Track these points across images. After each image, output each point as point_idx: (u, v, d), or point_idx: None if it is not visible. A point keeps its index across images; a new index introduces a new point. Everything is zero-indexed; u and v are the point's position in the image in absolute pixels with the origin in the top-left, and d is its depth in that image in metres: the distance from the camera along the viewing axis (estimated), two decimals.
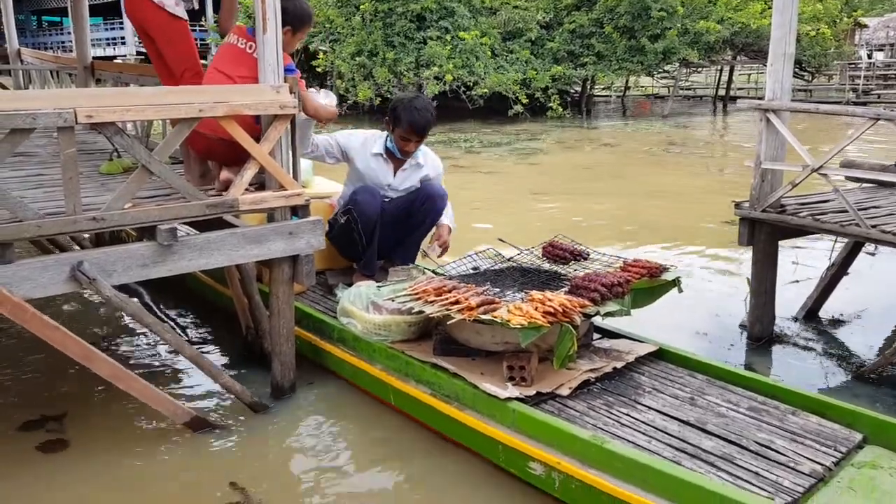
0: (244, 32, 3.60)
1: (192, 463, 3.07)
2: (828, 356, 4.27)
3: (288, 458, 3.16)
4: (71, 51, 6.34)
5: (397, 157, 4.19)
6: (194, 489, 2.91)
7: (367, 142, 4.22)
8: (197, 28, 30.27)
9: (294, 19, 3.58)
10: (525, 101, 18.83)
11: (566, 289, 3.29)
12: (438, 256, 4.25)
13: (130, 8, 3.77)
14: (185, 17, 3.83)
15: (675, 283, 3.55)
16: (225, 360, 4.11)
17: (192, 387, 3.75)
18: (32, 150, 4.77)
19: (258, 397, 3.46)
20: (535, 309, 2.90)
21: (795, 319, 4.78)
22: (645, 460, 2.46)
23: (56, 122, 2.65)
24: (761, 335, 4.42)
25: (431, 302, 3.13)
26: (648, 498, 2.37)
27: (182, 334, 4.45)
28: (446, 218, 4.35)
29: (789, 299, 4.90)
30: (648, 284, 3.43)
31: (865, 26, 33.17)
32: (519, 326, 2.81)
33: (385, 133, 4.21)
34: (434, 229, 4.33)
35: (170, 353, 4.12)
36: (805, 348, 4.38)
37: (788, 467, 2.52)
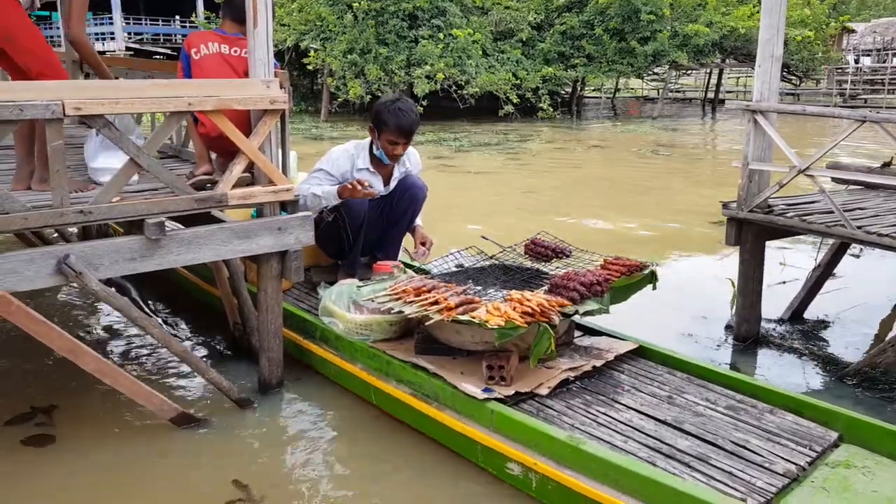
0: (222, 37, 3.55)
1: (186, 461, 3.05)
2: (813, 357, 4.30)
3: (279, 455, 3.14)
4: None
5: (385, 163, 4.09)
6: (193, 488, 2.88)
7: (352, 157, 4.09)
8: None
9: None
10: (516, 101, 18.86)
11: (546, 287, 3.30)
12: (427, 255, 4.26)
13: None
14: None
15: (651, 279, 3.57)
16: (212, 356, 4.11)
17: (178, 382, 3.75)
18: None
19: (245, 393, 3.47)
20: (514, 309, 2.90)
21: (781, 320, 4.81)
22: (618, 461, 2.46)
23: (44, 113, 2.64)
24: (747, 336, 4.44)
25: (411, 302, 3.11)
26: (622, 499, 2.38)
27: (169, 329, 4.45)
28: (417, 219, 4.36)
29: (776, 300, 4.93)
30: (626, 281, 3.44)
31: (853, 31, 33.43)
32: (496, 327, 2.81)
33: (366, 142, 4.12)
34: (411, 235, 4.33)
35: (157, 348, 4.11)
36: (790, 349, 4.41)
37: (763, 467, 2.53)
